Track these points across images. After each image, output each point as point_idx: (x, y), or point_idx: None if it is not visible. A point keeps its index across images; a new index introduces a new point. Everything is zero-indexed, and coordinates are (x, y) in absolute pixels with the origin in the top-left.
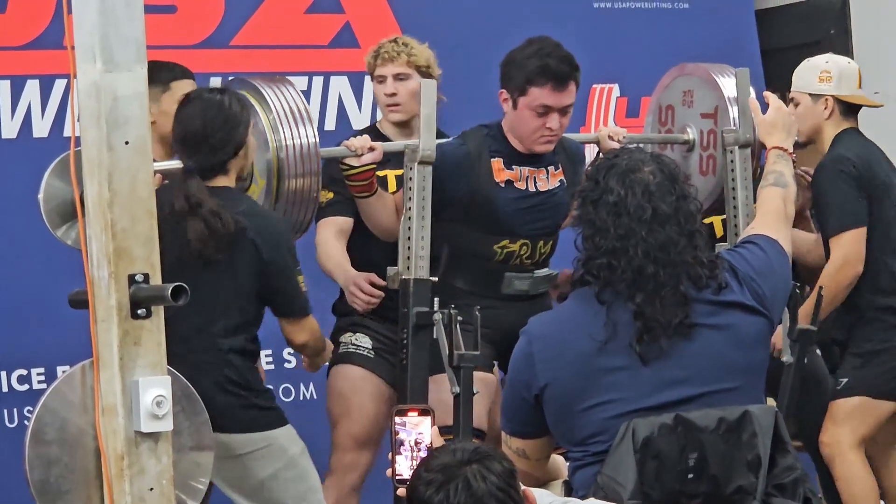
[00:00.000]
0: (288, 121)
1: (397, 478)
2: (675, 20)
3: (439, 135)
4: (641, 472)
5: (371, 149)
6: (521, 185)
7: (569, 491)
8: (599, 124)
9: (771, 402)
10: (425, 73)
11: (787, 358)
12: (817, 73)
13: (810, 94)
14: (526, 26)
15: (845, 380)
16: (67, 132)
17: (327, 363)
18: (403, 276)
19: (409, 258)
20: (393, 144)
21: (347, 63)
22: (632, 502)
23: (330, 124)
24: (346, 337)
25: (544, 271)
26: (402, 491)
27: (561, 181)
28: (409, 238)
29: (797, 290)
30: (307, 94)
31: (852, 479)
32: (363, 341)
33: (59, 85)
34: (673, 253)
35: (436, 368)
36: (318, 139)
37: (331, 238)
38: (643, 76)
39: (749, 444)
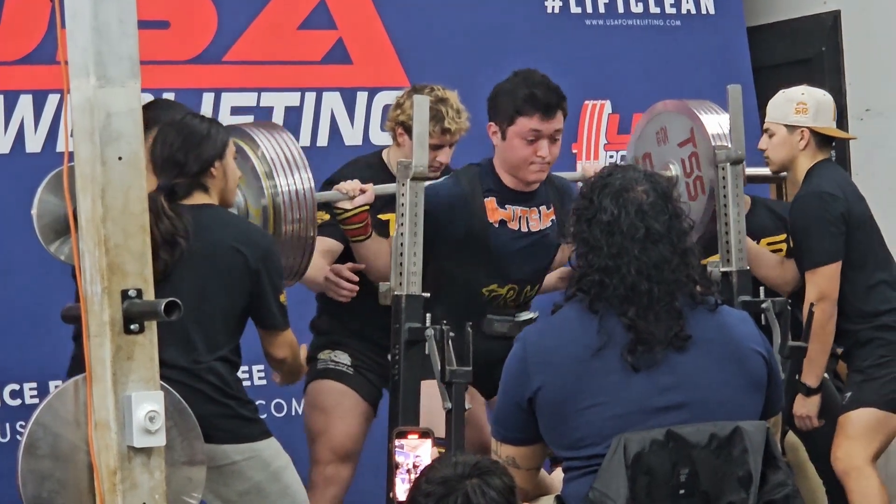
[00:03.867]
0: (283, 167)
1: (396, 501)
2: (666, 37)
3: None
4: (633, 487)
5: (363, 191)
6: (514, 226)
7: None
8: (591, 141)
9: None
10: None
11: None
12: (794, 104)
13: (786, 126)
14: (518, 43)
15: (849, 393)
16: (60, 147)
17: (304, 380)
18: (395, 293)
19: (401, 274)
20: (384, 187)
21: (340, 79)
22: None
23: (322, 140)
24: (325, 354)
25: (526, 315)
26: None
27: (552, 221)
28: (401, 254)
29: (788, 307)
30: (299, 109)
31: (867, 494)
32: (342, 358)
33: (53, 100)
34: (666, 271)
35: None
36: (313, 185)
37: (316, 255)
38: (635, 93)
39: (740, 460)
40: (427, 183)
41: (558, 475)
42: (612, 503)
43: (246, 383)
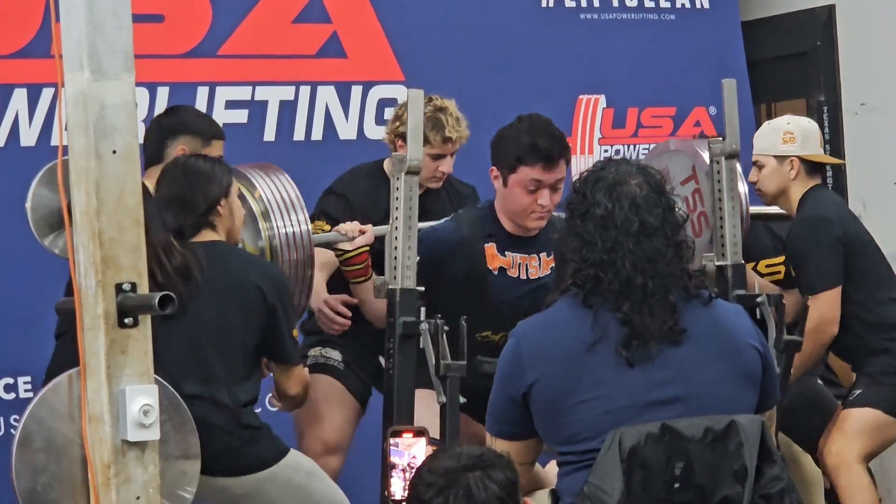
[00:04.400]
0: (279, 209)
1: (392, 499)
2: (661, 31)
3: (455, 183)
4: (628, 481)
5: (362, 231)
6: (513, 273)
7: (556, 500)
8: (585, 135)
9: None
10: None
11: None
12: (780, 134)
13: (775, 156)
14: (512, 37)
15: (859, 391)
16: (55, 141)
17: None
18: (390, 286)
19: (395, 268)
20: (382, 229)
21: (334, 73)
22: None
23: (317, 134)
24: (316, 350)
25: None
26: None
27: (552, 268)
28: (395, 248)
29: (782, 301)
30: (294, 103)
31: (856, 490)
32: (333, 354)
33: (47, 94)
34: (661, 265)
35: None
36: (309, 227)
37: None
38: (629, 87)
39: (735, 454)
40: (427, 225)
41: (552, 469)
42: (608, 497)
43: None
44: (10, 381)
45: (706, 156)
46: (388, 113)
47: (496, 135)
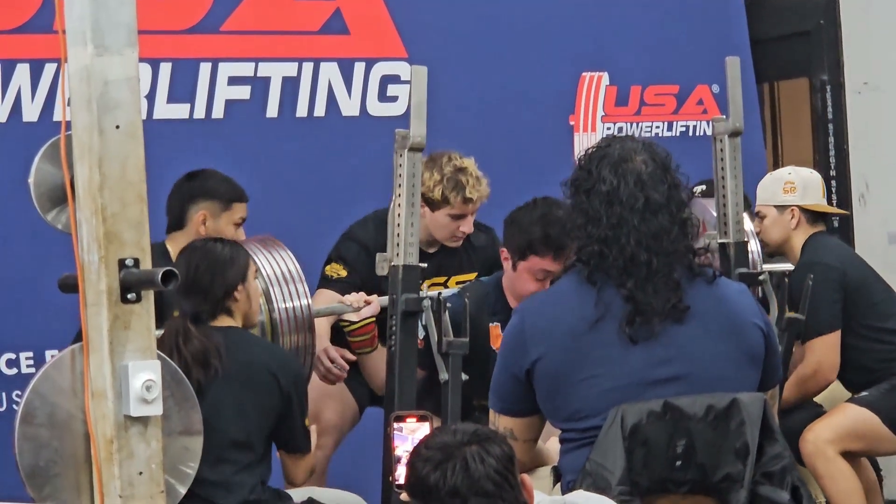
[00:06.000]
0: (279, 283)
1: (396, 484)
2: (664, 9)
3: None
4: (630, 458)
5: (367, 302)
6: None
7: (558, 477)
8: (588, 113)
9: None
10: None
11: None
12: (781, 184)
13: (776, 206)
14: (515, 14)
15: (867, 393)
16: (57, 117)
17: None
18: (392, 263)
19: (398, 245)
20: (387, 299)
21: (337, 49)
22: (620, 489)
23: (319, 111)
24: None
25: None
26: (404, 496)
27: None
28: (398, 224)
29: (785, 279)
30: (296, 80)
31: (838, 476)
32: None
33: (49, 69)
34: (665, 241)
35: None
36: (310, 301)
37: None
38: (633, 65)
39: (737, 432)
40: (433, 295)
41: (554, 446)
42: (609, 474)
43: None
44: (12, 356)
45: (713, 210)
46: (392, 90)
47: (509, 217)
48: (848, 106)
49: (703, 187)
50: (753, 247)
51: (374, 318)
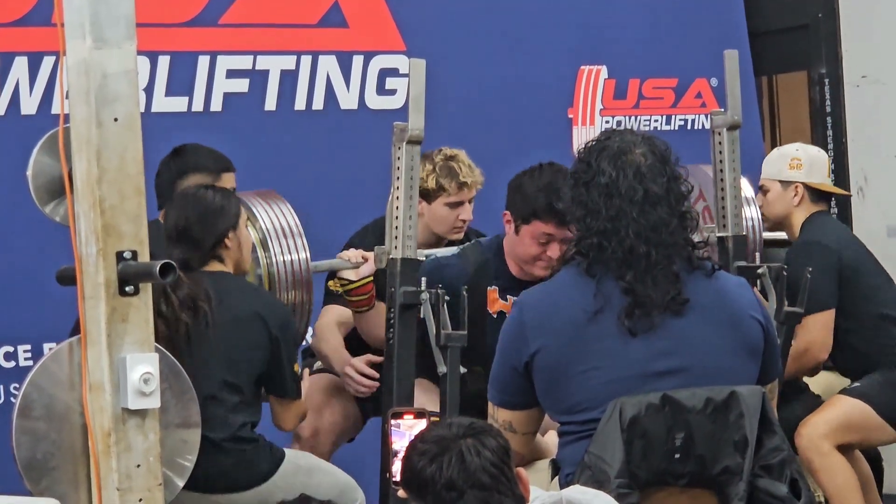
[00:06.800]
0: (278, 236)
1: (393, 480)
2: (663, 2)
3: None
4: (628, 451)
5: (364, 258)
6: None
7: (556, 470)
8: (587, 106)
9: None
10: None
11: None
12: (787, 160)
13: (780, 182)
14: (513, 7)
15: (859, 384)
16: (55, 109)
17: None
18: (391, 256)
19: (396, 238)
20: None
21: (336, 42)
22: (619, 481)
23: (318, 104)
24: None
25: None
26: (401, 493)
27: None
28: (396, 217)
29: (784, 272)
30: (295, 73)
31: (834, 470)
32: None
33: (48, 62)
34: (664, 234)
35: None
36: (308, 254)
37: (332, 324)
38: (631, 58)
39: (736, 425)
40: (431, 253)
41: (553, 439)
42: (608, 467)
43: None
44: (10, 349)
45: (708, 170)
46: (390, 83)
47: (514, 180)
48: (846, 99)
49: None
50: (753, 213)
51: (371, 278)
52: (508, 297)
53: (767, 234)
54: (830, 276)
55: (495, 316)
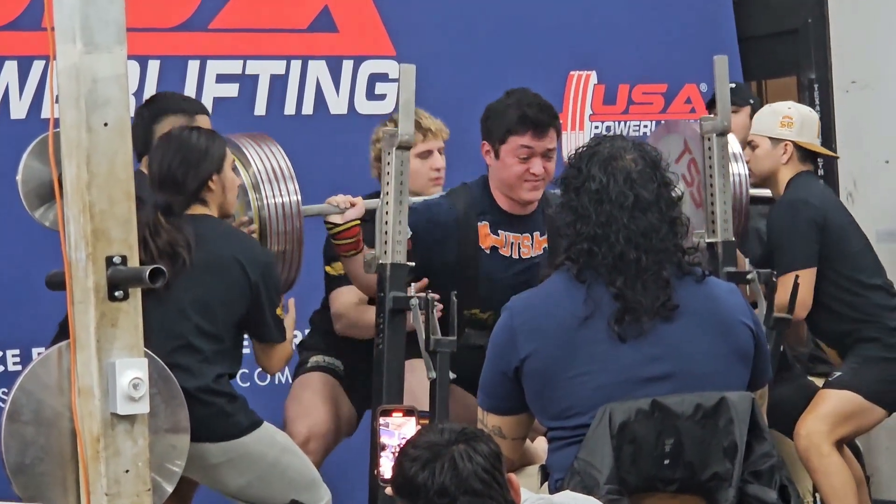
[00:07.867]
0: (269, 179)
1: (381, 479)
2: (653, 8)
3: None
4: (618, 457)
5: (352, 204)
6: (505, 252)
7: (545, 475)
8: (576, 112)
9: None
10: None
11: None
12: (779, 118)
13: (770, 138)
14: (503, 12)
15: (839, 373)
16: (45, 114)
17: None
18: (380, 261)
19: (386, 242)
20: (374, 202)
21: (325, 47)
22: (608, 487)
23: (307, 109)
24: (318, 357)
25: None
26: (389, 490)
27: (545, 248)
28: (386, 223)
29: (773, 279)
30: (284, 78)
31: (831, 471)
32: (336, 362)
33: (38, 66)
34: (655, 239)
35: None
36: (300, 197)
37: (354, 302)
38: (621, 64)
39: (725, 431)
40: (421, 199)
41: (542, 444)
42: (597, 472)
43: None
44: None
45: (696, 126)
46: (380, 88)
47: (485, 110)
48: (836, 104)
49: None
50: (740, 169)
51: (358, 221)
52: (500, 231)
53: (753, 191)
54: (812, 236)
55: (488, 251)
